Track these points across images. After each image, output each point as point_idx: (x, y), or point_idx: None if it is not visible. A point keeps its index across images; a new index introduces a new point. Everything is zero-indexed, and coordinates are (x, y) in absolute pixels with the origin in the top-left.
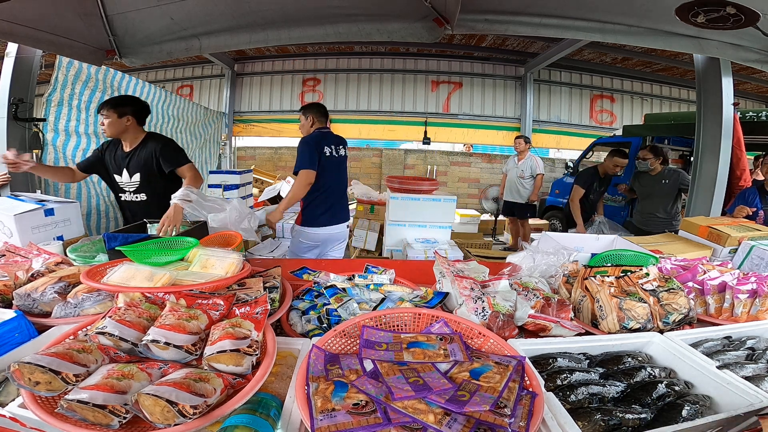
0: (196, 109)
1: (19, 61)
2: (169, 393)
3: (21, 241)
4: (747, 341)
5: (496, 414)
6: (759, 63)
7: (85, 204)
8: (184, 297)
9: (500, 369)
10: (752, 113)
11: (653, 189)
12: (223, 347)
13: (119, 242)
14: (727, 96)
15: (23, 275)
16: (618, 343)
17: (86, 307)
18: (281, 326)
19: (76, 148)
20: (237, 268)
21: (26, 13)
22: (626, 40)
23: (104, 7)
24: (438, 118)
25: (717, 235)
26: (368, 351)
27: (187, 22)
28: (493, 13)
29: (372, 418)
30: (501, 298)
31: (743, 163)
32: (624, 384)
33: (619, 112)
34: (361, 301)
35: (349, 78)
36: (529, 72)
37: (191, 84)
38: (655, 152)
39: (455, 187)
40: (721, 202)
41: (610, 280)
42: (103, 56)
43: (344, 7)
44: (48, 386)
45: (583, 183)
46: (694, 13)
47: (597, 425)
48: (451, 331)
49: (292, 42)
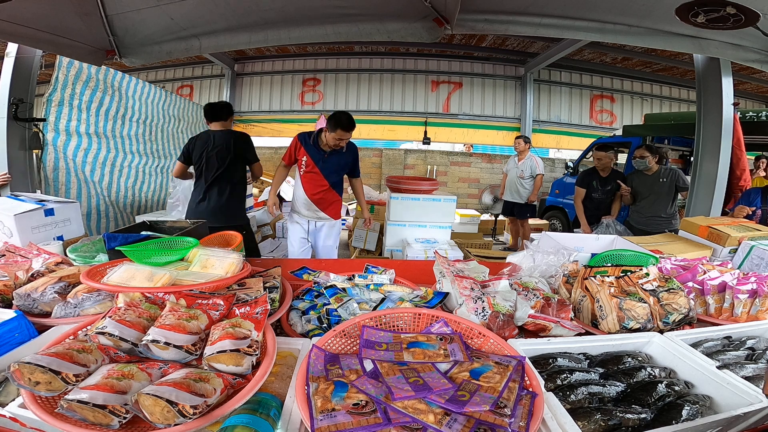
0: (197, 109)
1: (19, 61)
2: (169, 393)
3: (21, 241)
4: (747, 341)
5: (496, 414)
6: (759, 63)
7: (85, 204)
8: (184, 297)
9: (500, 369)
10: (752, 113)
11: (651, 188)
12: (223, 347)
13: (119, 242)
14: (727, 96)
15: (23, 275)
16: (618, 343)
17: (86, 307)
18: (281, 326)
19: (77, 148)
20: (237, 268)
21: (26, 13)
22: (626, 40)
23: (104, 7)
24: (438, 118)
25: (717, 235)
26: (368, 351)
27: (187, 22)
28: (493, 13)
29: (372, 418)
30: (501, 298)
31: (743, 163)
32: (624, 384)
33: (619, 112)
34: (361, 301)
35: (349, 78)
36: (529, 72)
37: (191, 84)
38: (652, 150)
39: (455, 187)
40: (721, 202)
41: (610, 280)
42: (103, 56)
43: (344, 7)
44: (48, 386)
45: (581, 183)
46: (694, 13)
47: (597, 425)
48: (451, 331)
49: (292, 42)
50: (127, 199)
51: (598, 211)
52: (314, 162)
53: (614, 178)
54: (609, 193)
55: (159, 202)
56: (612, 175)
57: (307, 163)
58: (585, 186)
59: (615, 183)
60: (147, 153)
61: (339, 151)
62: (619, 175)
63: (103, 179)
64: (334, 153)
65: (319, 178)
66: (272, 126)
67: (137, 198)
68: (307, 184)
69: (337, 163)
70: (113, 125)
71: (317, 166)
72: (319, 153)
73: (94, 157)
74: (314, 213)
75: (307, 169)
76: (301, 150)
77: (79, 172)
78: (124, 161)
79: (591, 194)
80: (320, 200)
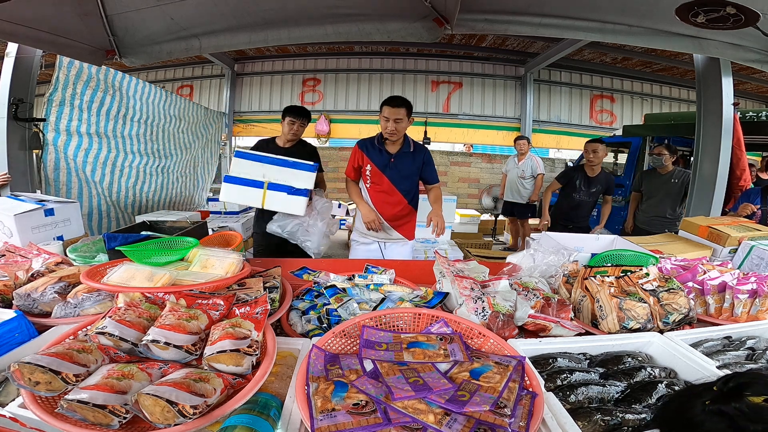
0: (197, 109)
1: (19, 61)
2: (169, 393)
3: (21, 241)
4: (747, 341)
5: (496, 414)
6: (759, 63)
7: (85, 204)
8: (184, 297)
9: (500, 369)
10: (752, 113)
11: (662, 188)
12: (223, 347)
13: (119, 242)
14: (727, 96)
15: (23, 275)
16: (618, 343)
17: (86, 307)
18: (281, 326)
19: (77, 148)
20: (237, 268)
21: (26, 13)
22: (626, 40)
23: (104, 7)
24: (438, 118)
25: (717, 235)
26: (368, 351)
27: (187, 22)
28: (493, 13)
29: (372, 418)
30: (501, 298)
31: (743, 163)
32: (624, 384)
33: (619, 112)
34: (361, 301)
35: (349, 78)
36: (529, 72)
37: (191, 84)
38: (671, 150)
39: (455, 187)
40: (721, 202)
41: (610, 280)
42: (103, 56)
43: (344, 7)
44: (48, 386)
45: (561, 177)
46: (694, 13)
47: (597, 425)
48: (451, 331)
49: (292, 42)
50: (127, 199)
51: (575, 212)
52: (380, 169)
53: (602, 181)
54: (593, 195)
55: (159, 202)
56: (600, 177)
57: (372, 172)
58: (564, 182)
59: (601, 187)
60: (148, 153)
61: (406, 152)
62: (608, 179)
63: (103, 179)
64: (401, 155)
65: (390, 190)
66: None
67: (138, 198)
68: (378, 201)
69: (407, 166)
70: (114, 125)
71: (384, 173)
72: (384, 156)
73: (94, 157)
74: (386, 234)
75: (373, 181)
76: (364, 158)
77: (79, 172)
78: (125, 161)
79: (572, 193)
80: (394, 217)
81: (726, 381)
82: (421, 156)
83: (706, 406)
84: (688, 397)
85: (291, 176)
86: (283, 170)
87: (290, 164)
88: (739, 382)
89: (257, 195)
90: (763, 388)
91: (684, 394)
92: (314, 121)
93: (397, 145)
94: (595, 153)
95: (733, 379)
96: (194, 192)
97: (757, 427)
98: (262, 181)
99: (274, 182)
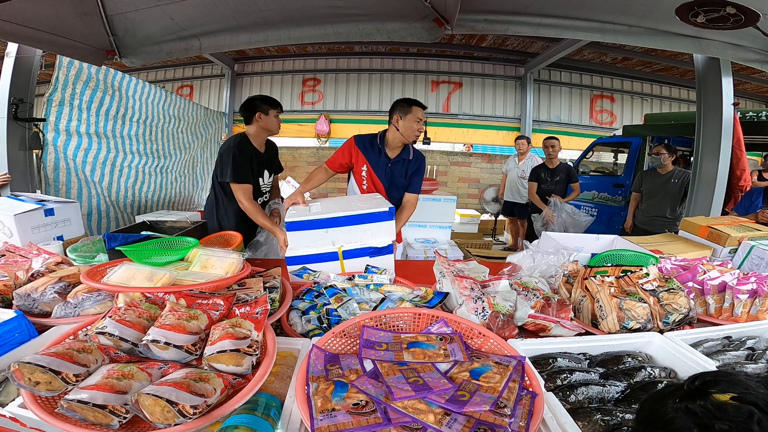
0: (197, 109)
1: (19, 61)
2: (169, 393)
3: (21, 241)
4: (747, 341)
5: (496, 414)
6: (759, 63)
7: (85, 204)
8: (184, 297)
9: (500, 369)
10: (752, 113)
11: (661, 187)
12: (223, 347)
13: (119, 242)
14: (727, 96)
15: (23, 275)
16: (618, 343)
17: (86, 307)
18: (281, 326)
19: (77, 149)
20: (237, 268)
21: (26, 13)
22: (626, 40)
23: (104, 7)
24: (438, 118)
25: (717, 235)
26: (368, 351)
27: (187, 22)
28: (493, 13)
29: (372, 418)
30: (501, 298)
31: (743, 163)
32: (624, 384)
33: (619, 112)
34: (361, 301)
35: (349, 78)
36: (529, 72)
37: (191, 84)
38: (670, 150)
39: (455, 187)
40: (721, 202)
41: (610, 280)
42: (103, 56)
43: (344, 7)
44: (48, 386)
45: (531, 177)
46: (694, 13)
47: (597, 425)
48: (451, 331)
49: (292, 42)
50: (127, 199)
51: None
52: (376, 172)
53: (562, 170)
54: (558, 183)
55: (159, 202)
56: (559, 168)
57: (368, 173)
58: (535, 179)
59: (563, 175)
60: (147, 153)
61: (405, 159)
62: (567, 168)
63: (103, 179)
64: (399, 162)
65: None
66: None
67: (137, 198)
68: None
69: (400, 174)
70: (113, 125)
71: (380, 178)
72: (382, 160)
73: (94, 157)
74: None
75: (370, 183)
76: (360, 156)
77: (79, 172)
78: (125, 161)
79: (541, 185)
80: None
81: (693, 380)
82: (415, 164)
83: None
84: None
85: (366, 235)
86: (353, 230)
87: (359, 219)
88: (705, 380)
89: (335, 267)
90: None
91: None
92: (314, 121)
93: (397, 150)
94: (552, 147)
95: (699, 378)
96: (193, 192)
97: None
98: (334, 251)
99: (348, 249)
